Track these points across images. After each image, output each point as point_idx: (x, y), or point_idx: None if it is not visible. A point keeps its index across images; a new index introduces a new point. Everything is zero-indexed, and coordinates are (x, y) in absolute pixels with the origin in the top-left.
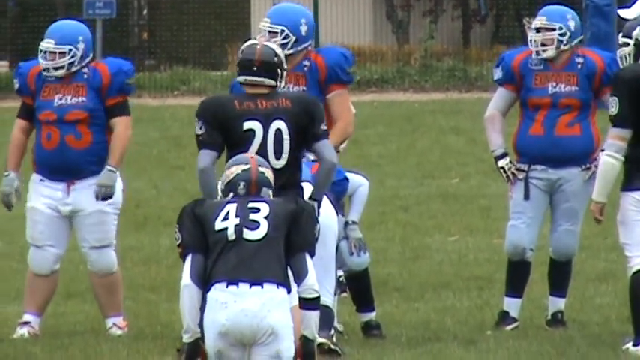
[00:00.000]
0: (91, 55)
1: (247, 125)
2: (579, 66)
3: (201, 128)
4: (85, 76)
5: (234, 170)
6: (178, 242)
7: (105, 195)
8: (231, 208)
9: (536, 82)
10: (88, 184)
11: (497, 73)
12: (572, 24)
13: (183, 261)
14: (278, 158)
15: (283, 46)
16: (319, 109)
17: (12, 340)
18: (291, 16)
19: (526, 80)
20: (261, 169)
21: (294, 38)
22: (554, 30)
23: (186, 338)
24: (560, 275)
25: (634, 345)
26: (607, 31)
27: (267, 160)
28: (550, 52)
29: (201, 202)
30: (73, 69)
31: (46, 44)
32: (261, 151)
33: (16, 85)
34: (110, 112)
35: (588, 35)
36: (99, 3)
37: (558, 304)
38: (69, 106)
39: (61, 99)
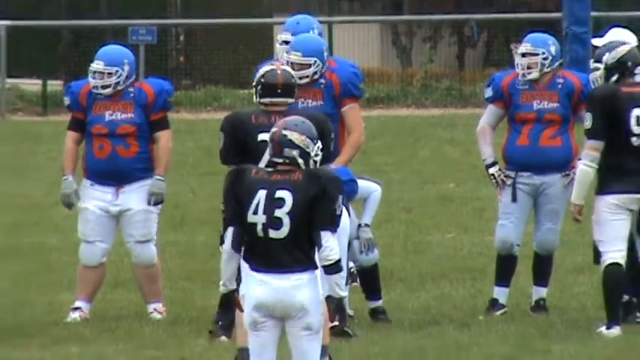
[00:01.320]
0: (134, 76)
1: (261, 137)
2: (560, 86)
3: (223, 141)
4: (132, 94)
5: (268, 133)
6: (223, 210)
7: (156, 201)
8: (262, 196)
9: (522, 99)
10: (134, 187)
11: (488, 92)
12: (553, 49)
13: (225, 228)
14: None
15: (315, 73)
16: (328, 127)
17: (65, 323)
18: (317, 47)
19: (514, 98)
20: (284, 132)
21: (322, 66)
22: (537, 55)
23: (223, 290)
24: (543, 268)
25: (607, 328)
26: (584, 55)
27: None
28: (534, 74)
29: (241, 176)
30: (119, 88)
31: (96, 65)
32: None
33: (67, 102)
34: (154, 126)
35: (567, 59)
36: (142, 30)
37: (541, 292)
38: (119, 121)
39: (111, 115)
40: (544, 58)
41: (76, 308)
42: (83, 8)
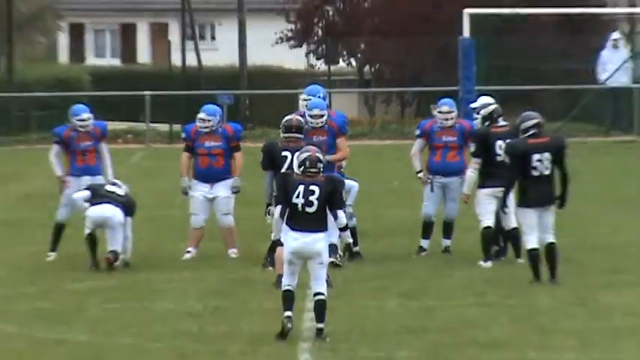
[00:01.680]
0: (221, 121)
1: (283, 153)
2: (457, 128)
3: (262, 157)
4: (220, 131)
5: (304, 155)
6: (275, 195)
7: (235, 191)
8: (301, 189)
9: (437, 135)
10: (221, 184)
11: (418, 131)
12: (455, 108)
13: (277, 204)
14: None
15: (324, 121)
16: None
17: (183, 260)
18: (324, 106)
19: (432, 135)
20: (317, 154)
21: (327, 116)
22: (452, 112)
23: (273, 237)
24: (448, 228)
25: (484, 262)
26: (470, 111)
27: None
28: (449, 123)
29: (288, 177)
30: (213, 128)
31: (201, 115)
32: (291, 168)
33: (183, 136)
34: (232, 149)
35: (462, 113)
36: (225, 96)
37: (447, 242)
38: (213, 146)
39: (209, 143)
40: (455, 114)
41: (188, 252)
42: (192, 86)
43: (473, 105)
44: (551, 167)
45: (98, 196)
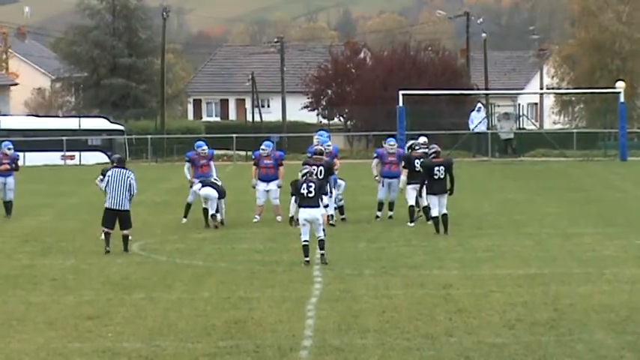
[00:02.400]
0: (273, 149)
1: (308, 168)
2: (397, 152)
3: (291, 189)
4: (272, 155)
5: (306, 169)
6: (292, 191)
7: (279, 186)
8: (304, 185)
9: (388, 157)
10: (273, 182)
11: (375, 155)
12: (395, 142)
13: (292, 194)
14: (318, 175)
15: (329, 151)
16: (332, 166)
17: (253, 222)
18: (328, 141)
19: (383, 157)
20: (313, 172)
21: (332, 148)
22: (393, 145)
23: (292, 214)
24: (391, 205)
25: (410, 223)
26: (403, 146)
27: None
28: (392, 150)
29: (297, 182)
30: (269, 153)
31: (262, 146)
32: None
33: (253, 157)
34: (278, 165)
35: (399, 144)
36: (275, 136)
37: (390, 213)
38: (267, 162)
39: (266, 161)
40: (395, 146)
41: (255, 218)
42: (257, 131)
43: (413, 141)
44: (445, 174)
45: (207, 184)
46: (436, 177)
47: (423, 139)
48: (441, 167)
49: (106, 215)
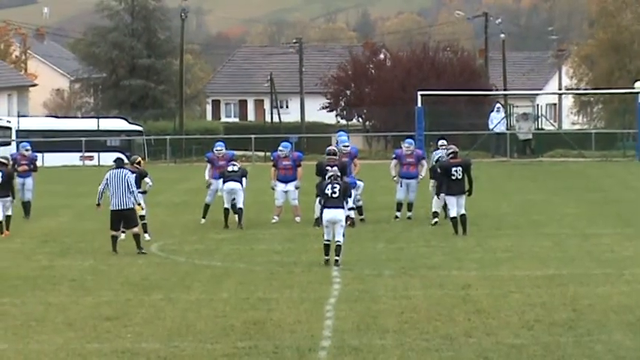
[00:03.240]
0: (292, 150)
1: (327, 167)
2: (415, 153)
3: (316, 169)
4: (290, 155)
5: (331, 172)
6: (317, 193)
7: (297, 187)
8: (329, 186)
9: (406, 158)
10: (292, 183)
11: (394, 155)
12: (413, 143)
13: (317, 196)
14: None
15: (349, 151)
16: (345, 166)
17: (272, 223)
18: (347, 142)
19: (402, 157)
20: (337, 172)
21: (350, 148)
22: (410, 146)
23: (317, 215)
24: (410, 205)
25: (432, 218)
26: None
27: None
28: (410, 151)
29: (321, 183)
30: (287, 154)
31: (280, 147)
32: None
33: (271, 158)
34: (297, 166)
35: (417, 146)
36: (293, 137)
37: (409, 214)
38: (286, 164)
39: (285, 162)
40: (413, 147)
41: (274, 218)
42: (276, 132)
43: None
44: (462, 175)
45: (228, 179)
46: (454, 177)
47: (442, 142)
48: (459, 168)
49: (111, 218)
